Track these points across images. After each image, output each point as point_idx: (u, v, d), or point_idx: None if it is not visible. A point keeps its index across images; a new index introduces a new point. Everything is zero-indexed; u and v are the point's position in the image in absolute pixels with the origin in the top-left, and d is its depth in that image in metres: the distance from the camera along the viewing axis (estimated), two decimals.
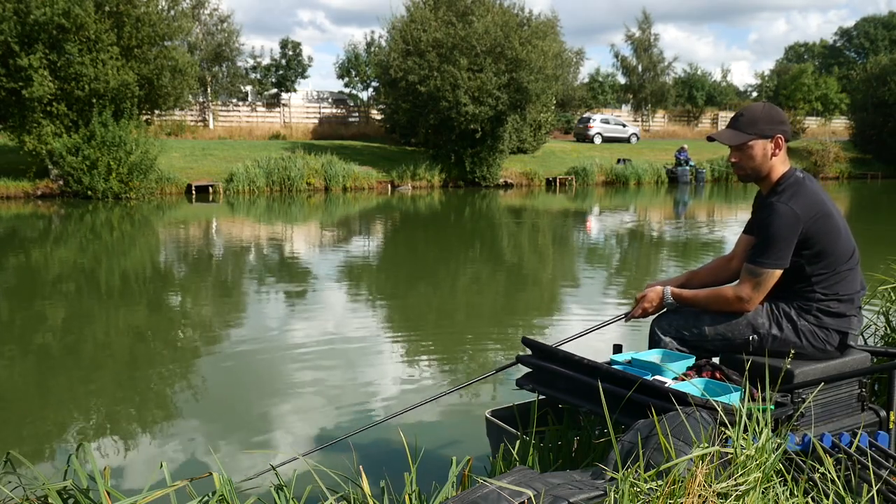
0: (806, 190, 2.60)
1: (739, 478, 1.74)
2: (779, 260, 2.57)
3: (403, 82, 24.64)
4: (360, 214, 18.97)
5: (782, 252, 2.56)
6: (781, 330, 2.64)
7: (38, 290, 8.97)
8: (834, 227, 2.59)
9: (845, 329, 2.64)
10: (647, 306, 2.86)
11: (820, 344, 2.63)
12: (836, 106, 45.77)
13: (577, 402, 2.54)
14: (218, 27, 29.82)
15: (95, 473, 1.99)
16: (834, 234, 2.59)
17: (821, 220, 2.56)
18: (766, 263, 2.59)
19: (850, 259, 2.63)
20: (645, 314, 2.89)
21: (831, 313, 2.62)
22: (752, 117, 2.66)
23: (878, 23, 59.38)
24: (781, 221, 2.54)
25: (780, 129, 2.65)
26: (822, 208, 2.58)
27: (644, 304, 2.87)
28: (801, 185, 2.62)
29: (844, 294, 2.63)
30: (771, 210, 2.58)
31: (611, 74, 43.26)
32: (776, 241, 2.55)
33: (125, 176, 19.45)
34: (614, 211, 21.00)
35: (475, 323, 7.34)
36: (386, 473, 2.51)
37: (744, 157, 2.68)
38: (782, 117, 2.69)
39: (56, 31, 18.71)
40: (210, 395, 5.04)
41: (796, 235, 2.54)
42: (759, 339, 2.65)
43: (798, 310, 2.64)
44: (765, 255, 2.59)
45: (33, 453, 3.98)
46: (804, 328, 2.62)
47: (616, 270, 10.68)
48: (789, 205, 2.55)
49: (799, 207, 2.55)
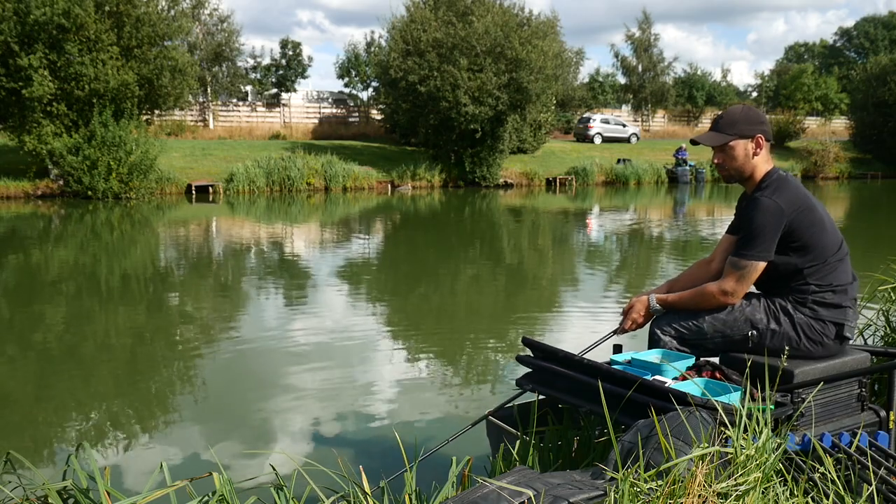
0: (789, 185, 2.67)
1: (739, 478, 1.74)
2: (763, 252, 2.61)
3: (403, 82, 24.64)
4: (360, 214, 18.97)
5: (766, 244, 2.60)
6: (780, 324, 2.66)
7: (38, 290, 8.97)
8: (818, 219, 2.64)
9: (841, 320, 2.67)
10: (636, 317, 2.89)
11: (817, 336, 2.65)
12: (836, 106, 45.79)
13: (577, 402, 2.54)
14: (218, 27, 29.85)
15: (95, 473, 1.99)
16: (818, 226, 2.63)
17: (803, 212, 2.61)
18: (749, 255, 2.63)
19: (838, 251, 2.67)
20: (635, 326, 2.91)
21: (826, 304, 2.66)
22: (732, 119, 2.74)
23: (878, 23, 59.37)
24: (765, 215, 2.59)
25: (760, 128, 2.72)
26: (804, 202, 2.64)
27: (633, 315, 2.89)
28: (784, 181, 2.68)
29: (838, 285, 2.67)
30: (755, 204, 2.64)
31: (611, 74, 43.30)
32: (760, 234, 2.60)
33: (125, 176, 19.46)
34: (614, 211, 21.00)
35: (475, 323, 7.34)
36: (386, 473, 2.51)
37: (726, 157, 2.74)
38: (761, 118, 2.77)
39: (56, 31, 18.72)
40: (210, 395, 5.04)
41: (780, 228, 2.59)
42: (759, 334, 2.67)
43: (794, 303, 2.68)
44: (748, 247, 2.63)
45: (33, 453, 3.98)
46: (801, 321, 2.65)
47: (616, 270, 10.69)
48: (773, 198, 2.61)
49: (782, 201, 2.60)
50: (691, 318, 2.75)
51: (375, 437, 4.04)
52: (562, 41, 29.64)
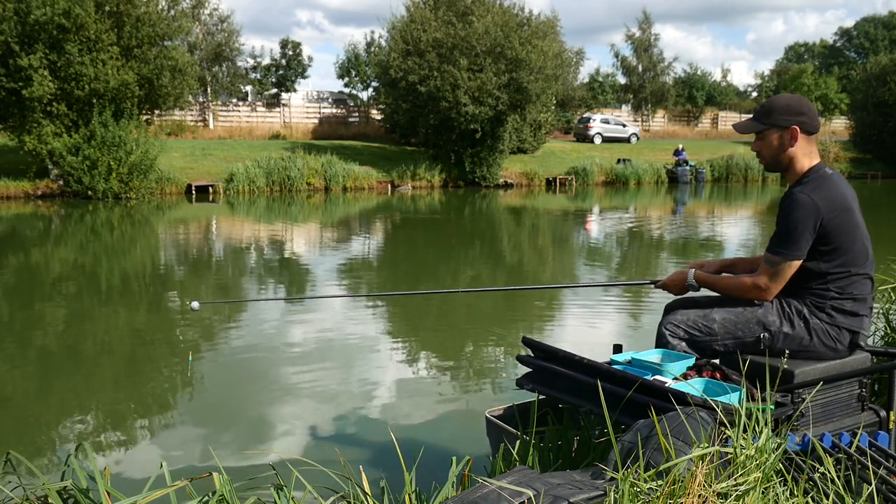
0: (830, 183, 2.59)
1: (739, 478, 1.74)
2: (797, 251, 2.55)
3: (403, 82, 24.63)
4: (360, 214, 18.96)
5: (800, 243, 2.54)
6: (793, 327, 2.62)
7: (38, 290, 8.97)
8: (854, 224, 2.58)
9: (857, 329, 2.63)
10: (671, 284, 2.91)
11: (831, 343, 2.61)
12: (836, 106, 45.75)
13: (577, 402, 2.54)
14: (218, 27, 29.84)
15: (95, 473, 1.99)
16: (852, 231, 2.57)
17: (841, 215, 2.54)
18: (783, 254, 2.57)
19: (865, 262, 2.62)
20: (667, 290, 2.93)
21: (845, 312, 2.61)
22: (770, 108, 2.68)
23: (878, 23, 59.33)
24: (800, 211, 2.53)
25: (797, 119, 2.63)
26: (843, 203, 2.56)
27: (668, 281, 2.92)
28: (826, 179, 2.60)
29: (859, 294, 2.62)
30: (791, 199, 2.57)
31: (611, 74, 43.28)
32: (794, 231, 2.54)
33: (125, 176, 19.45)
34: (614, 211, 21.00)
35: (475, 323, 7.34)
36: (386, 473, 2.51)
37: (763, 145, 2.70)
38: (803, 109, 2.66)
39: (56, 31, 18.71)
40: (210, 394, 5.04)
41: (815, 227, 2.52)
42: (771, 336, 2.63)
43: (811, 307, 2.62)
44: (783, 244, 2.58)
45: (33, 453, 3.98)
46: (816, 326, 2.60)
47: (616, 270, 10.68)
48: (810, 195, 2.54)
49: (820, 199, 2.53)
50: (702, 319, 2.71)
51: (375, 437, 4.04)
52: (562, 41, 29.67)
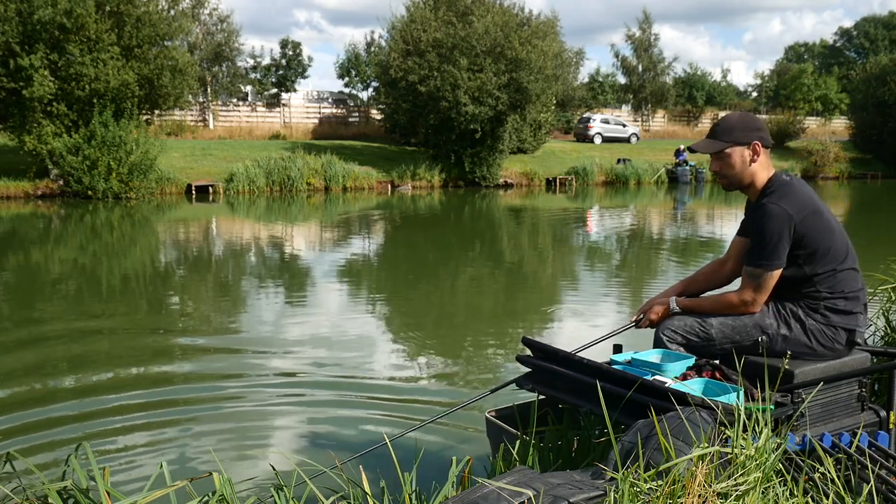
0: (794, 190, 2.64)
1: (739, 478, 1.74)
2: (776, 260, 2.60)
3: (403, 82, 24.63)
4: (360, 214, 18.96)
5: (778, 252, 2.59)
6: (791, 329, 2.64)
7: (38, 290, 8.97)
8: (826, 224, 2.62)
9: (853, 326, 2.65)
10: (654, 318, 2.87)
11: (829, 343, 2.63)
12: (836, 106, 45.76)
13: (577, 402, 2.54)
14: (218, 27, 29.82)
15: (95, 473, 1.99)
16: (827, 231, 2.61)
17: (811, 217, 2.59)
18: (764, 265, 2.61)
19: (847, 257, 2.65)
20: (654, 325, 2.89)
21: (838, 311, 2.63)
22: (728, 126, 2.72)
23: (878, 23, 59.31)
24: (774, 221, 2.57)
25: (757, 135, 2.69)
26: (811, 205, 2.61)
27: (651, 315, 2.87)
28: (789, 186, 2.66)
29: (850, 291, 2.65)
30: (763, 211, 2.61)
31: (611, 74, 43.28)
32: (771, 242, 2.58)
33: (125, 176, 19.45)
34: (614, 211, 21.00)
35: (475, 323, 7.34)
36: (386, 474, 2.51)
37: (724, 165, 2.73)
38: (758, 124, 2.74)
39: (57, 32, 18.72)
40: (210, 394, 5.04)
41: (790, 234, 2.57)
42: (769, 339, 2.65)
43: (805, 309, 2.65)
44: (761, 256, 2.62)
45: (33, 453, 3.98)
46: (813, 327, 2.63)
47: (616, 270, 10.68)
48: (780, 204, 2.58)
49: (788, 206, 2.58)
50: (699, 325, 2.72)
51: (375, 437, 4.04)
52: (562, 41, 29.65)
